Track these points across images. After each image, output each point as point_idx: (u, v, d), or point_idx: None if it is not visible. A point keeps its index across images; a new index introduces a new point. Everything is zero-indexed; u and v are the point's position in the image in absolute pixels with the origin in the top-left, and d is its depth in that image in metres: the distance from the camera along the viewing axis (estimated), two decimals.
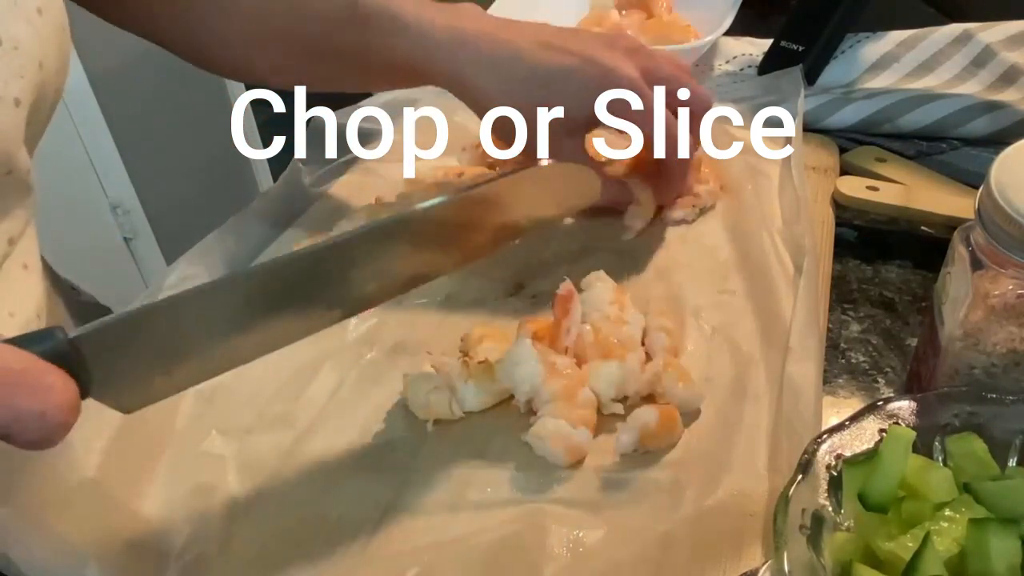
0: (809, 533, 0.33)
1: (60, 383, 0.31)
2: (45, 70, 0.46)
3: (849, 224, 0.61)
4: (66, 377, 0.31)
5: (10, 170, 0.45)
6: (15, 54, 0.43)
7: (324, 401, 0.49)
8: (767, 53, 0.77)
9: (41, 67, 0.46)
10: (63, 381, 0.31)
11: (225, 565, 0.41)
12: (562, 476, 0.43)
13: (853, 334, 0.53)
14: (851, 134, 0.70)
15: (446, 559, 0.40)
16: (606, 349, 0.48)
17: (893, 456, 0.34)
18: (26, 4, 0.45)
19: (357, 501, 0.43)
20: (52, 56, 0.47)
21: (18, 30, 0.44)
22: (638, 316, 0.51)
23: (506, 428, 0.46)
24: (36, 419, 0.30)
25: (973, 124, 0.67)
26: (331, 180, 0.70)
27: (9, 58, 0.43)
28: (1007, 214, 0.36)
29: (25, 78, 0.44)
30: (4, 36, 0.43)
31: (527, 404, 0.46)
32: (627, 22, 0.83)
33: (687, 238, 0.60)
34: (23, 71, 0.44)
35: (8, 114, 0.43)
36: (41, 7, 0.46)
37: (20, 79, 0.44)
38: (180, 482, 0.45)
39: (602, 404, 0.46)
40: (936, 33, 0.76)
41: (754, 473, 0.42)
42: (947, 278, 0.41)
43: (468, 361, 0.48)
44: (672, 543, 0.40)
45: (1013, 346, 0.39)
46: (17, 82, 0.44)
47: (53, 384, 0.30)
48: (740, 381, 0.48)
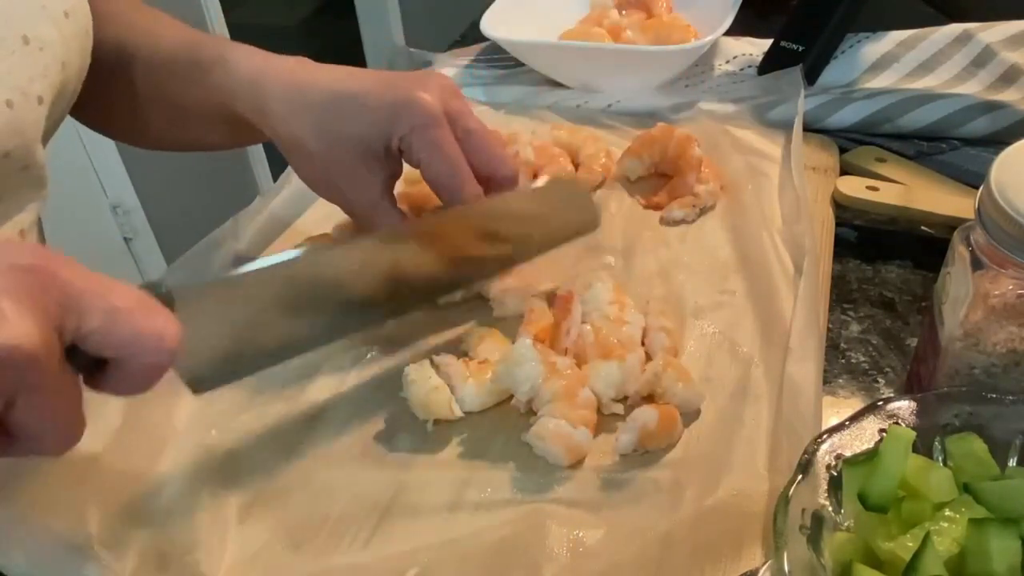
0: (809, 533, 0.33)
1: (171, 316, 0.32)
2: (67, 70, 0.47)
3: (849, 224, 0.61)
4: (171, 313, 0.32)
5: (28, 165, 0.46)
6: (40, 54, 0.44)
7: (324, 401, 0.49)
8: (767, 53, 0.77)
9: (64, 67, 0.47)
10: (171, 316, 0.32)
11: (225, 565, 0.41)
12: (562, 476, 0.43)
13: (853, 334, 0.53)
14: (851, 134, 0.70)
15: (446, 559, 0.40)
16: (606, 349, 0.48)
17: (893, 456, 0.34)
18: (54, 7, 0.46)
19: (357, 501, 0.43)
20: (75, 57, 0.48)
21: (44, 31, 0.45)
22: (638, 316, 0.51)
23: (506, 428, 0.46)
24: (155, 340, 0.31)
25: (973, 124, 0.67)
26: None
27: (35, 58, 0.44)
28: (1007, 214, 0.36)
29: (48, 77, 0.45)
30: (32, 36, 0.44)
31: (527, 404, 0.46)
32: (627, 22, 0.83)
33: (687, 238, 0.60)
34: (47, 70, 0.45)
35: (31, 111, 0.44)
36: (68, 11, 0.47)
37: (44, 78, 0.45)
38: (180, 481, 0.45)
39: (602, 404, 0.46)
40: (936, 33, 0.76)
41: (754, 473, 0.42)
42: (947, 278, 0.41)
43: (468, 361, 0.48)
44: (672, 543, 0.40)
45: (1013, 346, 0.39)
46: (41, 81, 0.45)
47: (168, 314, 0.32)
48: (740, 381, 0.48)
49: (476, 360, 0.48)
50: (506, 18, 0.80)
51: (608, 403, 0.46)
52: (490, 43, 0.84)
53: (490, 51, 0.86)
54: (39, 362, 0.28)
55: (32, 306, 0.28)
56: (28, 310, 0.27)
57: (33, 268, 0.29)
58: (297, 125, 0.51)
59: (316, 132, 0.50)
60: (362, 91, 0.50)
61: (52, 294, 0.29)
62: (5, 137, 0.42)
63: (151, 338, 0.31)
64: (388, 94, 0.49)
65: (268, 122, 0.52)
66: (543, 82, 0.80)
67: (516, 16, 0.81)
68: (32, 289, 0.28)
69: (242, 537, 0.42)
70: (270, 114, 0.51)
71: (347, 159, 0.50)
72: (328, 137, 0.50)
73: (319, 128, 0.50)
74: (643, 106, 0.75)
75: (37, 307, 0.28)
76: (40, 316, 0.28)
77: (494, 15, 0.80)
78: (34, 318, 0.28)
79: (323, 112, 0.50)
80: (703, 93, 0.76)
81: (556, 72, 0.80)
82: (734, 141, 0.68)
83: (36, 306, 0.28)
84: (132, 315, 0.31)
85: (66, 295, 0.29)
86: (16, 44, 0.43)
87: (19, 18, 0.43)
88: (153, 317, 0.31)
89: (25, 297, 0.28)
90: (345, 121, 0.50)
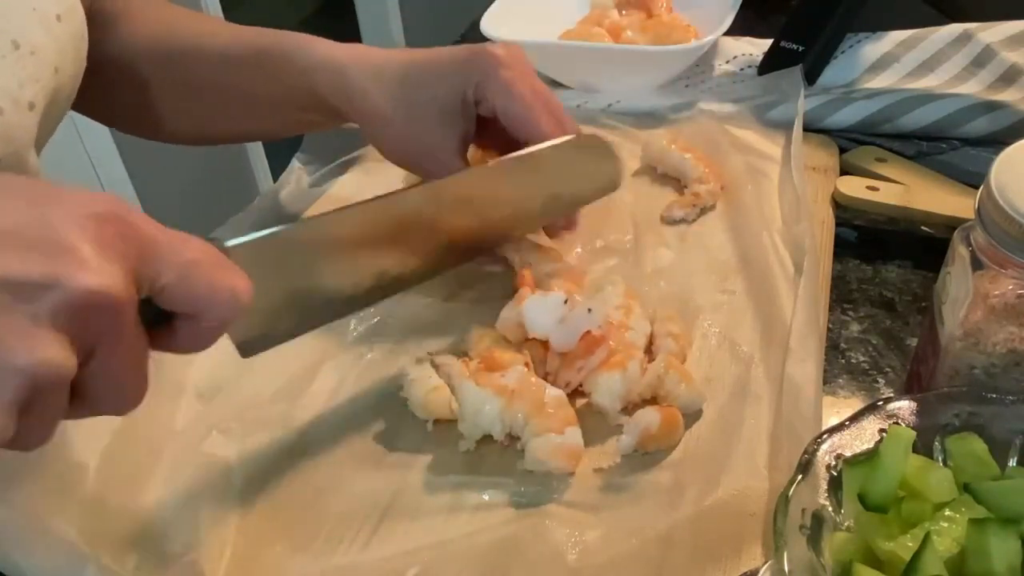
0: (809, 533, 0.33)
1: (241, 271, 0.32)
2: (60, 75, 0.47)
3: (849, 224, 0.61)
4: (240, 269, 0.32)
5: (19, 171, 0.45)
6: (31, 59, 0.44)
7: (324, 401, 0.49)
8: (767, 53, 0.77)
9: (56, 72, 0.46)
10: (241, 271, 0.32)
11: (225, 565, 0.41)
12: (563, 476, 0.43)
13: (853, 334, 0.53)
14: (851, 134, 0.70)
15: (446, 559, 0.40)
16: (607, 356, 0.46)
17: (893, 456, 0.34)
18: (45, 10, 0.45)
19: (357, 501, 0.43)
20: (68, 62, 0.48)
21: (35, 35, 0.44)
22: (644, 323, 0.50)
23: None
24: (228, 294, 0.31)
25: (973, 124, 0.67)
26: (331, 180, 0.70)
27: (25, 62, 0.43)
28: (1007, 214, 0.36)
29: (40, 82, 0.44)
30: (22, 41, 0.43)
31: (507, 437, 0.45)
32: (627, 22, 0.83)
33: (687, 238, 0.60)
34: (39, 75, 0.44)
35: (22, 117, 0.43)
36: (61, 14, 0.46)
37: (35, 83, 0.44)
38: (180, 482, 0.45)
39: (608, 417, 0.45)
40: (936, 33, 0.76)
41: (754, 473, 0.42)
42: (947, 278, 0.41)
43: (468, 361, 0.48)
44: (672, 543, 0.40)
45: (1013, 346, 0.39)
46: (32, 86, 0.44)
47: (238, 268, 0.32)
48: (740, 381, 0.48)
49: (476, 360, 0.48)
50: (506, 18, 0.80)
51: (614, 415, 0.45)
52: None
53: None
54: (123, 311, 0.28)
55: (114, 255, 0.27)
56: (111, 259, 0.27)
57: (115, 217, 0.28)
58: (379, 98, 0.54)
59: (396, 101, 0.54)
60: (435, 57, 0.54)
61: (132, 244, 0.28)
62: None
63: (225, 292, 0.31)
64: (459, 53, 0.54)
65: (351, 98, 0.55)
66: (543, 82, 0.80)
67: (516, 16, 0.81)
68: (114, 238, 0.28)
69: (242, 537, 0.42)
70: (353, 91, 0.54)
71: (425, 122, 0.54)
72: (407, 103, 0.54)
73: (399, 97, 0.54)
74: (643, 106, 0.75)
75: (119, 256, 0.28)
76: (123, 265, 0.28)
77: (494, 15, 0.80)
78: (118, 266, 0.27)
79: (402, 82, 0.54)
80: (703, 93, 0.76)
81: (556, 72, 0.80)
82: (734, 141, 0.68)
83: (118, 255, 0.28)
84: (208, 268, 0.31)
85: (145, 246, 0.29)
86: (5, 49, 0.42)
87: (8, 22, 0.42)
88: (226, 271, 0.31)
89: (108, 246, 0.27)
90: (422, 85, 0.54)
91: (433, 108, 0.53)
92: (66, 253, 0.26)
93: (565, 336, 0.46)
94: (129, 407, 0.31)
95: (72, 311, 0.26)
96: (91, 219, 0.27)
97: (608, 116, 0.75)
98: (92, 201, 0.28)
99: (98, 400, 0.30)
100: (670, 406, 0.45)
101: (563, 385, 0.46)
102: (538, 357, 0.48)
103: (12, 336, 0.25)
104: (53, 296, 0.25)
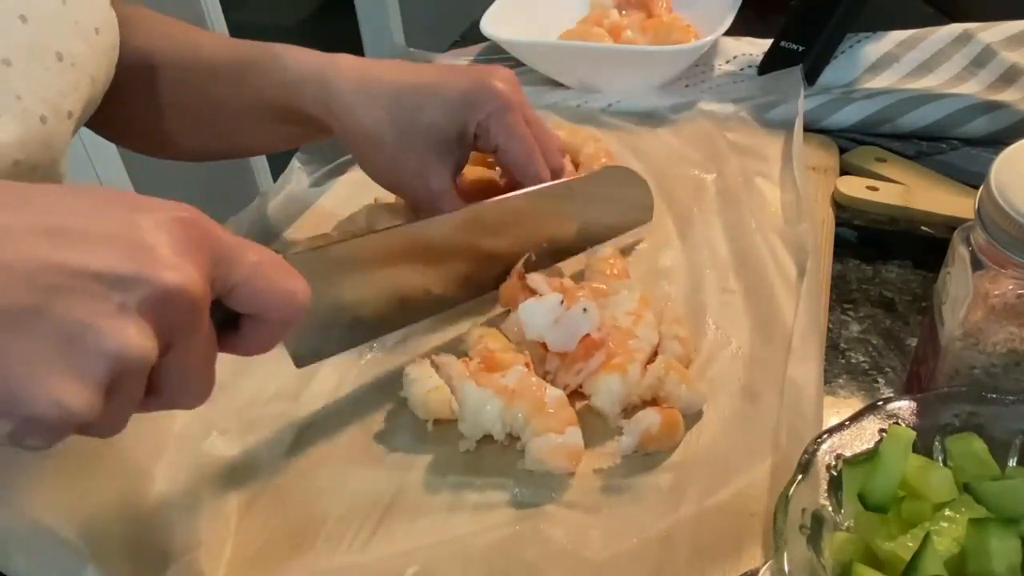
0: (809, 533, 0.33)
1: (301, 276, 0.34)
2: (95, 85, 0.48)
3: (849, 224, 0.61)
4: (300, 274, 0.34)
5: (51, 176, 0.46)
6: (72, 70, 0.45)
7: (324, 401, 0.49)
8: (767, 53, 0.77)
9: (92, 82, 0.47)
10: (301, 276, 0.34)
11: (225, 565, 0.41)
12: (563, 477, 0.43)
13: (853, 334, 0.53)
14: (851, 134, 0.70)
15: (445, 559, 0.40)
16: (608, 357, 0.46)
17: (893, 456, 0.34)
18: (86, 23, 0.46)
19: (357, 501, 0.43)
20: (103, 72, 0.49)
21: (77, 48, 0.45)
22: (652, 333, 0.49)
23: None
24: (290, 297, 0.33)
25: (973, 124, 0.67)
26: (331, 180, 0.70)
27: (67, 73, 0.45)
28: (1007, 214, 0.36)
29: (78, 92, 0.46)
30: (65, 53, 0.44)
31: (508, 437, 0.45)
32: (627, 22, 0.83)
33: (687, 238, 0.60)
34: (78, 86, 0.46)
35: (61, 126, 0.45)
36: (99, 27, 0.48)
37: (74, 93, 0.45)
38: (180, 482, 0.45)
39: (608, 419, 0.45)
40: (936, 33, 0.76)
41: (754, 473, 0.42)
42: (947, 278, 0.41)
43: (468, 361, 0.48)
44: (672, 543, 0.40)
45: (1013, 346, 0.39)
46: (72, 96, 0.45)
47: (298, 273, 0.34)
48: (740, 381, 0.48)
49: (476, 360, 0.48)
50: (506, 18, 0.80)
51: (614, 418, 0.45)
52: (490, 43, 0.84)
53: (490, 51, 0.86)
54: (200, 306, 0.30)
55: (193, 257, 0.30)
56: (190, 260, 0.30)
57: (193, 223, 0.30)
58: (368, 116, 0.52)
59: (388, 122, 0.52)
60: (435, 81, 0.52)
61: (207, 247, 0.30)
62: (38, 152, 0.43)
63: (288, 294, 0.33)
64: (462, 82, 0.52)
65: (336, 114, 0.53)
66: (543, 82, 0.80)
67: (516, 16, 0.81)
68: (192, 242, 0.30)
69: (242, 537, 0.42)
70: (339, 107, 0.53)
71: (419, 147, 0.53)
72: (401, 125, 0.52)
73: (392, 118, 0.52)
74: (643, 106, 0.75)
75: (197, 257, 0.30)
76: (200, 265, 0.30)
77: (494, 15, 0.80)
78: (195, 266, 0.30)
79: (396, 102, 0.52)
80: (703, 93, 0.76)
81: (556, 72, 0.80)
82: (734, 141, 0.68)
83: (195, 257, 0.30)
84: (272, 270, 0.33)
85: (218, 249, 0.31)
86: (51, 61, 0.43)
87: (53, 35, 0.44)
88: (288, 274, 0.33)
89: (187, 249, 0.30)
90: (420, 110, 0.52)
91: (431, 136, 0.52)
92: (152, 253, 0.29)
93: (562, 337, 0.46)
94: (197, 402, 0.33)
95: (156, 304, 0.28)
96: (174, 223, 0.30)
97: (608, 116, 0.75)
98: (175, 209, 0.30)
99: (170, 393, 0.32)
100: (670, 407, 0.45)
101: (562, 387, 0.46)
102: (538, 357, 0.48)
103: (104, 320, 0.27)
104: (140, 289, 0.28)
